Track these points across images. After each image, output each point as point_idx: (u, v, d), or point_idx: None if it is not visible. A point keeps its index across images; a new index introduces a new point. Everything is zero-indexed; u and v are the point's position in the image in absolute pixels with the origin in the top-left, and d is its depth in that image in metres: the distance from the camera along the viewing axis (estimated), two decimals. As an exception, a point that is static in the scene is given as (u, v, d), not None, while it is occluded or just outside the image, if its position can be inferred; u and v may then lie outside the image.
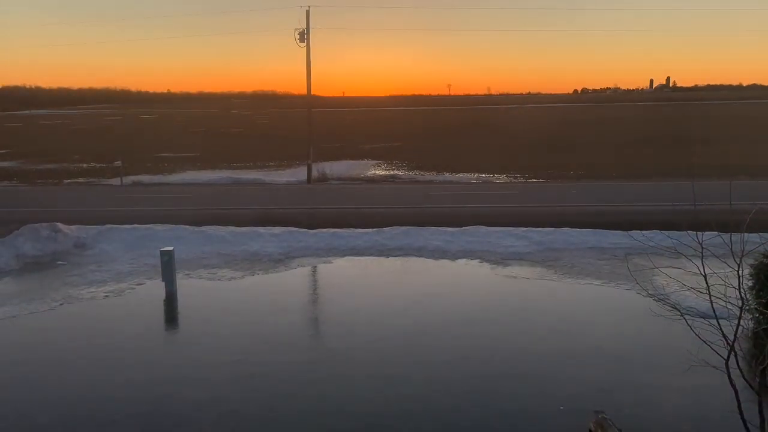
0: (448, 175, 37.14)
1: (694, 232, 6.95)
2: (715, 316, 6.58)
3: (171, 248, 15.99)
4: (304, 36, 35.80)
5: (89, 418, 9.63)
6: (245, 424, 9.43)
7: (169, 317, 14.68)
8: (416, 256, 18.87)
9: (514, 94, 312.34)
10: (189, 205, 26.39)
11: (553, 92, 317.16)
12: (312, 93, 39.02)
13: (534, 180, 34.89)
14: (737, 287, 6.83)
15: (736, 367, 6.60)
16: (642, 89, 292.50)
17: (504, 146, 54.17)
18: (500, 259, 18.32)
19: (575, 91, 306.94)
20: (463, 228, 20.83)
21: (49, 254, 19.16)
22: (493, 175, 37.03)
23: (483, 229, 20.71)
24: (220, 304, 15.03)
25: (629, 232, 17.45)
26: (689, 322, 7.06)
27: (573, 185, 31.61)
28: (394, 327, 13.40)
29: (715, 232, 6.94)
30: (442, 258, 18.60)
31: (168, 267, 15.69)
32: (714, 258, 6.67)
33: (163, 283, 15.75)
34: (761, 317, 11.41)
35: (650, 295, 11.87)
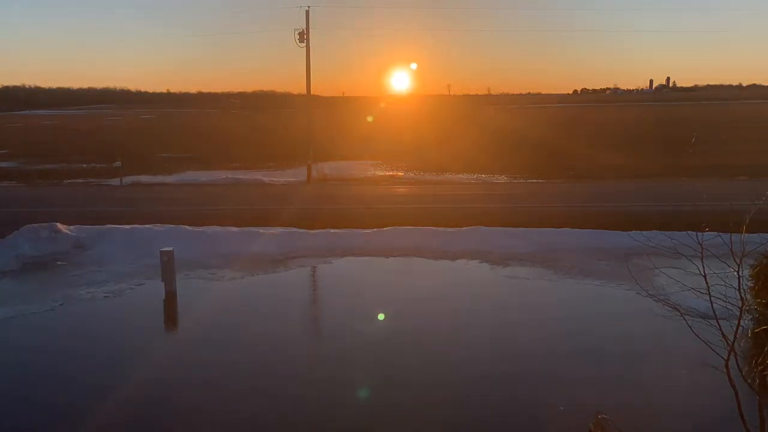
0: (447, 176, 37.16)
1: (694, 233, 6.94)
2: (715, 316, 6.56)
3: (171, 248, 15.97)
4: (303, 36, 35.81)
5: (89, 419, 9.63)
6: (245, 424, 9.43)
7: (168, 317, 14.69)
8: (416, 256, 18.85)
9: (513, 94, 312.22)
10: (189, 205, 26.39)
11: (552, 92, 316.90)
12: (312, 93, 39.05)
13: (534, 180, 34.90)
14: (737, 287, 6.82)
15: (736, 367, 6.59)
16: (642, 89, 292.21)
17: (503, 146, 54.13)
18: (500, 259, 18.31)
19: (575, 91, 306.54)
20: (463, 228, 20.82)
21: (48, 254, 19.14)
22: (493, 176, 37.06)
23: (483, 229, 20.70)
24: (220, 305, 15.04)
25: (629, 232, 17.43)
26: (689, 322, 7.04)
27: (572, 185, 31.62)
28: (393, 327, 13.42)
29: (715, 233, 6.92)
30: (442, 258, 18.59)
31: (168, 267, 15.67)
32: (714, 258, 6.67)
33: (163, 284, 15.74)
34: (761, 317, 11.42)
35: (650, 295, 11.86)
